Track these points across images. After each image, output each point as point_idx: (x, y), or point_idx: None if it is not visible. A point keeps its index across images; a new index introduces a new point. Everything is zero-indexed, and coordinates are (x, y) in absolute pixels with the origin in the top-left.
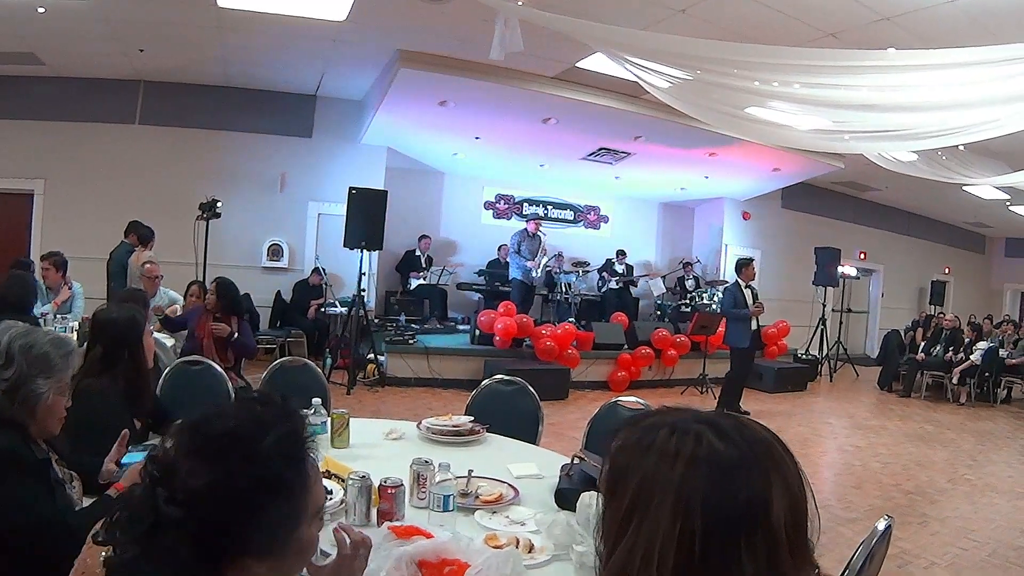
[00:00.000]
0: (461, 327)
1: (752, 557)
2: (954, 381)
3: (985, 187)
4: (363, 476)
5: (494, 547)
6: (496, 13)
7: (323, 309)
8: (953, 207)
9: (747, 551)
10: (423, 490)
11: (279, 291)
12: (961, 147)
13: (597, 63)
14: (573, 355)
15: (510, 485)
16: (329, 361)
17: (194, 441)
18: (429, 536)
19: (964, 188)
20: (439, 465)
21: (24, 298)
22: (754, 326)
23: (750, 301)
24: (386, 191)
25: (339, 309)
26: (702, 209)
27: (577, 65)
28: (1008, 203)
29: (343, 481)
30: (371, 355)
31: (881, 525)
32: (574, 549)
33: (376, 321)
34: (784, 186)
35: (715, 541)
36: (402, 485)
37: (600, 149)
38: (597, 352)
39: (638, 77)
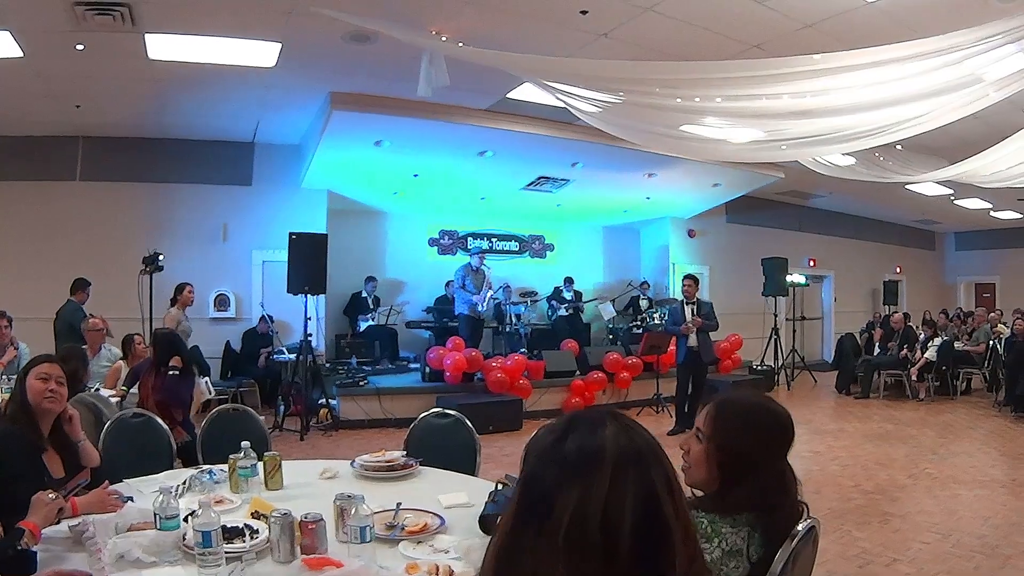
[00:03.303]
0: (413, 366)
1: (536, 537)
2: (913, 379)
3: (927, 184)
4: (284, 513)
5: None
6: (421, 51)
7: (273, 357)
8: (899, 206)
9: (537, 533)
10: (347, 524)
11: (228, 341)
12: (899, 146)
13: (527, 93)
14: (525, 385)
15: (435, 514)
16: (282, 408)
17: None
18: (339, 566)
19: (907, 187)
20: (353, 497)
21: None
22: (692, 343)
23: (689, 317)
24: (326, 235)
25: (288, 356)
26: (647, 230)
27: (508, 96)
28: (952, 198)
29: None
30: (323, 400)
31: (801, 526)
32: None
33: (327, 365)
34: (727, 200)
35: (523, 513)
36: (322, 520)
37: (539, 178)
38: (550, 380)
39: (567, 104)
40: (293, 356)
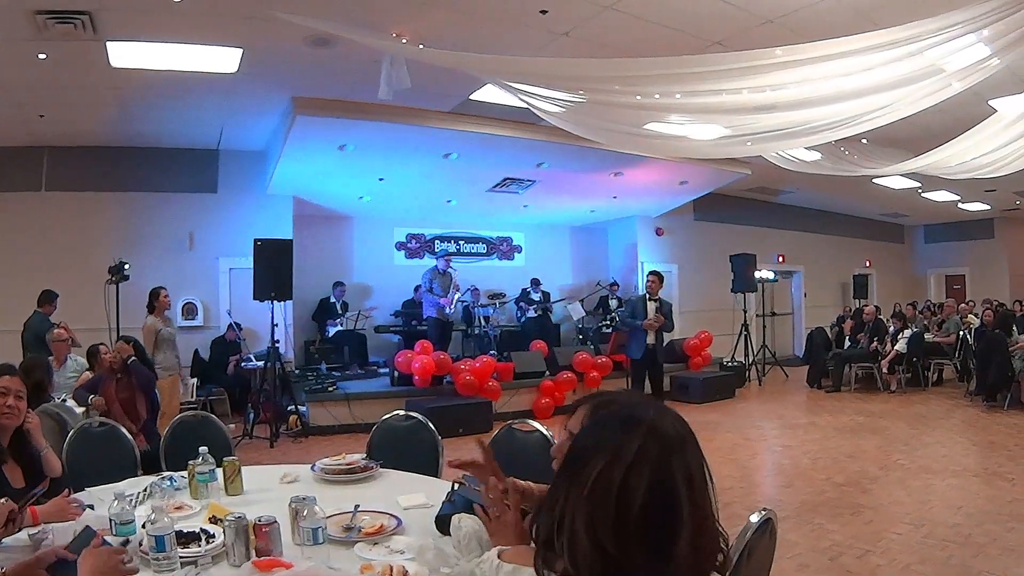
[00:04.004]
0: (382, 370)
1: (569, 486)
2: (884, 371)
3: (894, 177)
4: (238, 517)
5: None
6: (382, 54)
7: (242, 364)
8: (867, 201)
9: (570, 483)
10: (300, 526)
11: (197, 350)
12: (864, 140)
13: (490, 94)
14: (494, 387)
15: (392, 515)
16: (252, 416)
17: None
18: (289, 567)
19: (874, 181)
20: (306, 499)
21: None
22: (651, 340)
23: (650, 313)
24: (291, 240)
25: (256, 363)
26: (615, 229)
27: (471, 98)
28: (920, 190)
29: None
30: (292, 406)
31: (755, 518)
32: (440, 572)
33: (297, 372)
34: (694, 198)
35: (566, 464)
36: (275, 523)
37: (505, 179)
38: (519, 382)
39: (529, 104)
40: (262, 363)
